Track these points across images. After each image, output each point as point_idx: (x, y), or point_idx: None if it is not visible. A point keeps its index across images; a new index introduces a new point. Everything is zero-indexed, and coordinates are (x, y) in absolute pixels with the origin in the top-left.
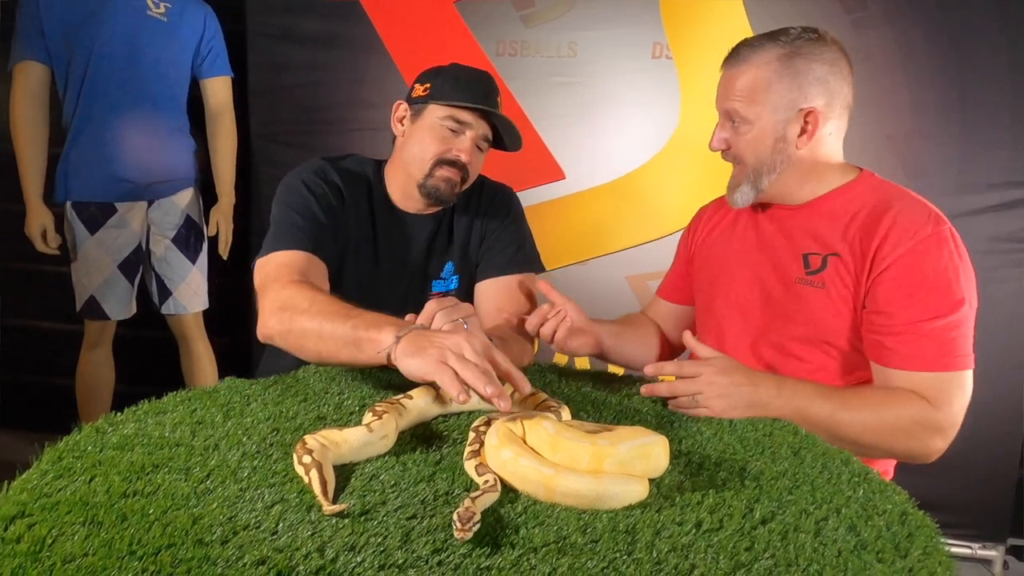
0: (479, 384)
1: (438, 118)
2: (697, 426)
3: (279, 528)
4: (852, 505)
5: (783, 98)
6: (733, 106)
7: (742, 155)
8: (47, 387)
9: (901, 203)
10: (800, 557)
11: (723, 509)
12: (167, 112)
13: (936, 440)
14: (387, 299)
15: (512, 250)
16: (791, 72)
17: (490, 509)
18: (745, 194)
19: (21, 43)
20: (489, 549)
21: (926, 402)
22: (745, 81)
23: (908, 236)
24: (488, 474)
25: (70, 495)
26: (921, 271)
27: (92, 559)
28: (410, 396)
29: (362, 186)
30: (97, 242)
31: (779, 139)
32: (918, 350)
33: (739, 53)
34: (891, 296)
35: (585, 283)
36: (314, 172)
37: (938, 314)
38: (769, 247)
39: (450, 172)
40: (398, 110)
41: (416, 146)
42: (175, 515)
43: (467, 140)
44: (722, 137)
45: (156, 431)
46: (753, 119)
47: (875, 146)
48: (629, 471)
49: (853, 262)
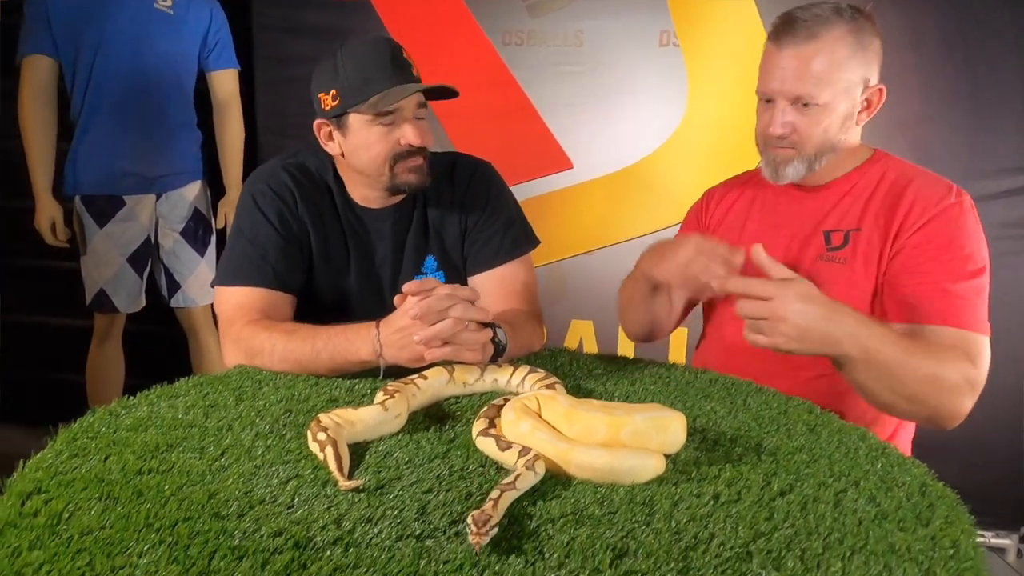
0: (467, 356)
1: (366, 122)
2: (711, 405)
3: (295, 502)
4: (871, 478)
5: (856, 75)
6: (807, 90)
7: (808, 139)
8: (53, 383)
9: (921, 178)
10: (820, 526)
11: (740, 482)
12: (174, 105)
13: (969, 400)
14: (362, 298)
15: (499, 237)
16: (862, 47)
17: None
18: (798, 170)
19: (29, 37)
20: (506, 520)
21: (968, 361)
22: (821, 60)
23: (932, 205)
24: (517, 449)
25: (85, 472)
26: (945, 237)
27: (109, 531)
28: (424, 376)
29: (320, 187)
30: (106, 235)
31: (847, 117)
32: (948, 305)
33: (798, 26)
34: (916, 259)
35: (593, 273)
36: (267, 184)
37: (962, 277)
38: (788, 226)
39: (412, 162)
40: (321, 132)
41: (363, 156)
42: (191, 491)
43: (407, 124)
44: (787, 121)
45: (169, 413)
46: (830, 100)
47: (885, 132)
48: (646, 443)
49: (877, 236)
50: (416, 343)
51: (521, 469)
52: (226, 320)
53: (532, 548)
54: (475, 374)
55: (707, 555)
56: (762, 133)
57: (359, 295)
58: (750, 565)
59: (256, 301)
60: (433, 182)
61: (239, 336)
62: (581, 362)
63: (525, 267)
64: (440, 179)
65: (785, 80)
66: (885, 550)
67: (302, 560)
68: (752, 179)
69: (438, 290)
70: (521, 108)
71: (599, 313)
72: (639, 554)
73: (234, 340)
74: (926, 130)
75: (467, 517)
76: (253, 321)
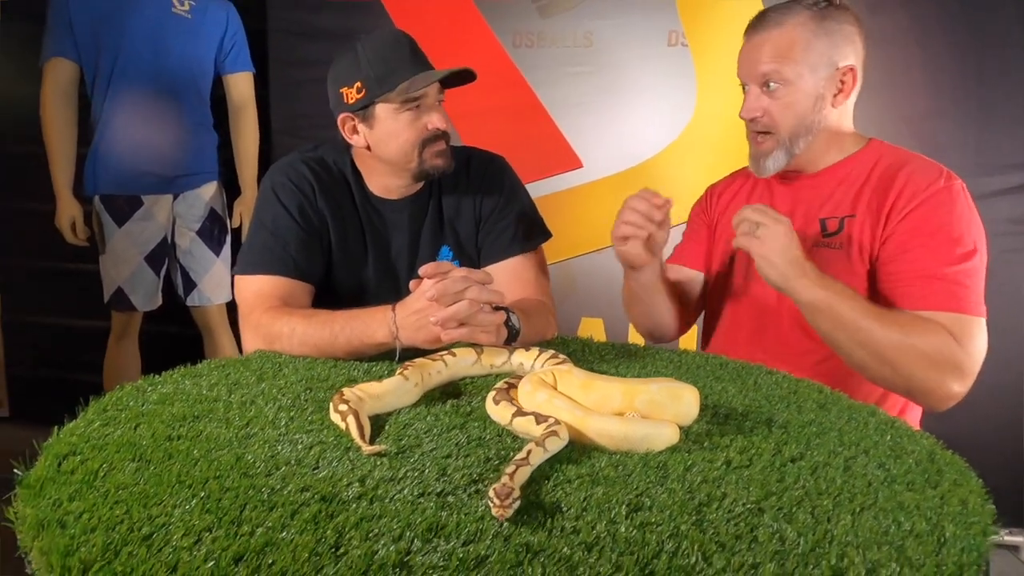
0: (482, 337)
1: (393, 111)
2: (722, 385)
3: (319, 464)
4: (880, 447)
5: (822, 56)
6: (770, 68)
7: (779, 121)
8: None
9: (913, 163)
10: (830, 488)
11: (752, 450)
12: (191, 107)
13: (955, 382)
14: (379, 289)
15: (513, 229)
16: (825, 30)
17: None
18: (778, 160)
19: (51, 40)
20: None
21: (952, 337)
22: (783, 41)
23: (922, 189)
24: (536, 417)
25: (117, 438)
26: (935, 221)
27: (143, 487)
28: (453, 354)
29: (338, 180)
30: (125, 234)
31: (818, 98)
32: (934, 291)
33: (767, 18)
34: (906, 244)
35: (603, 271)
36: (287, 176)
37: (951, 261)
38: (786, 214)
39: (438, 146)
40: (345, 127)
41: (391, 144)
42: (219, 454)
43: (432, 109)
44: (758, 105)
45: (194, 390)
46: (793, 78)
47: (892, 127)
48: (660, 413)
49: (870, 219)
50: (432, 324)
51: (541, 436)
52: (246, 307)
53: (550, 503)
54: (502, 356)
55: (720, 510)
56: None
57: (376, 286)
58: (762, 519)
59: (276, 289)
60: (450, 175)
61: (259, 322)
62: (593, 348)
63: (538, 258)
64: (456, 172)
65: (747, 65)
66: (894, 507)
67: (329, 511)
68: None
69: (453, 272)
70: (531, 108)
71: (609, 311)
72: (653, 509)
73: (254, 326)
74: (933, 126)
75: (488, 491)
76: (273, 308)
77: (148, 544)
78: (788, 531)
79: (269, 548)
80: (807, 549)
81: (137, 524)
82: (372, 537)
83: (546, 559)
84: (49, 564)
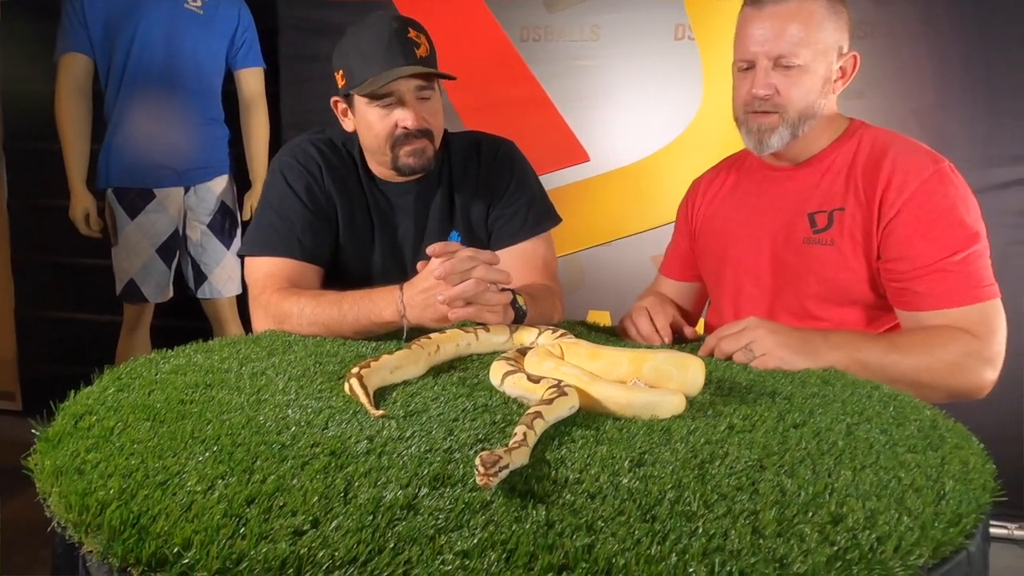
0: (488, 317)
1: (366, 105)
2: (726, 362)
3: (329, 425)
4: (883, 416)
5: (831, 38)
6: (789, 49)
7: (789, 101)
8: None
9: (897, 147)
10: (832, 449)
11: (755, 417)
12: (203, 102)
13: (987, 371)
14: (385, 271)
15: (523, 214)
16: (835, 12)
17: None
18: (782, 137)
19: (66, 35)
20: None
21: (970, 335)
22: (801, 21)
23: (911, 178)
24: (546, 382)
25: (132, 401)
26: (931, 211)
27: (158, 442)
28: (486, 329)
29: (346, 161)
30: (137, 226)
31: (826, 81)
32: (947, 287)
33: None
34: (907, 240)
35: (610, 264)
36: (295, 157)
37: (957, 249)
38: (773, 210)
39: (411, 144)
40: (338, 108)
41: (367, 135)
42: (231, 416)
43: (405, 106)
44: (770, 82)
45: (206, 362)
46: (809, 62)
47: (900, 120)
48: (666, 381)
49: (860, 213)
50: (440, 303)
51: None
52: (256, 288)
53: (555, 459)
54: (531, 336)
55: (722, 467)
56: (742, 100)
57: (383, 268)
58: (763, 474)
59: (284, 270)
60: (459, 159)
61: (268, 302)
62: (597, 335)
63: (546, 243)
64: (466, 156)
65: (766, 40)
66: (895, 465)
67: (339, 463)
68: (736, 162)
69: (461, 252)
70: (538, 102)
71: (616, 304)
72: (656, 464)
73: (263, 306)
74: (941, 118)
75: (475, 458)
76: (282, 288)
77: (163, 488)
78: (789, 484)
79: (280, 492)
80: (807, 499)
81: (152, 472)
82: (380, 484)
83: (550, 504)
84: (68, 504)
